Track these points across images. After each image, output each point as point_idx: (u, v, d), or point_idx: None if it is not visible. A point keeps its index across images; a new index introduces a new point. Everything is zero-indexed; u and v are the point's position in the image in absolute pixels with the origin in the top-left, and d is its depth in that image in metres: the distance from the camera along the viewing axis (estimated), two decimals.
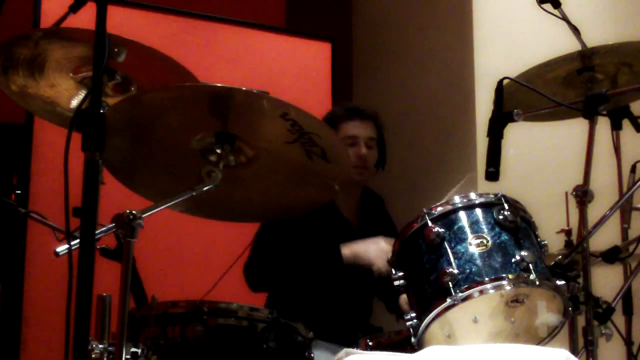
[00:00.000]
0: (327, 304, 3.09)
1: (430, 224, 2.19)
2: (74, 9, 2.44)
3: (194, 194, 2.15)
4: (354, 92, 5.21)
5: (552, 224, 2.79)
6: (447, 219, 2.20)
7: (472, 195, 2.24)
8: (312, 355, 2.26)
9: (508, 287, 2.09)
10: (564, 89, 2.70)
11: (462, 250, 2.14)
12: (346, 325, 3.04)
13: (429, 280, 2.15)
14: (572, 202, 2.40)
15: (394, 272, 2.26)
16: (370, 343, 2.36)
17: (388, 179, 3.38)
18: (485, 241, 2.15)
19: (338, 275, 3.06)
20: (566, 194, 2.74)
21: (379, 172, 3.30)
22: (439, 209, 2.22)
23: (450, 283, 2.08)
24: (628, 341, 2.93)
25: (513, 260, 2.12)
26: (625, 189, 3.04)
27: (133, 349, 1.93)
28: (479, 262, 2.12)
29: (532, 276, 2.09)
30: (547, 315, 2.20)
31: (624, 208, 3.00)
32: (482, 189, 2.70)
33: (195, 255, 3.92)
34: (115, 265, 1.98)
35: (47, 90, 2.37)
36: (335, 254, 2.99)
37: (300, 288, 3.09)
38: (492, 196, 2.24)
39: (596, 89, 2.55)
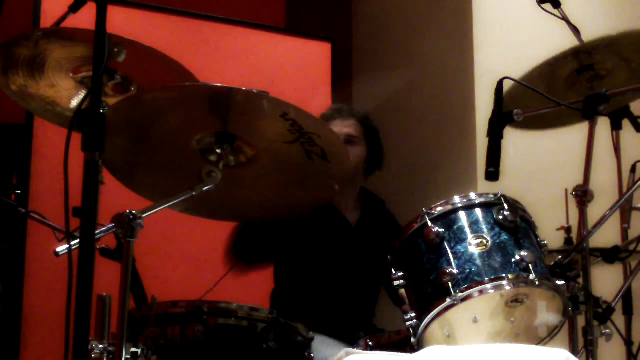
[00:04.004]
0: (330, 305, 3.09)
1: (430, 224, 2.19)
2: (74, 9, 2.44)
3: (194, 194, 2.15)
4: (354, 92, 5.21)
5: (552, 224, 2.79)
6: (447, 219, 2.20)
7: (472, 195, 2.24)
8: (312, 355, 2.26)
9: (508, 287, 2.09)
10: (565, 91, 2.70)
11: (462, 250, 2.14)
12: (348, 326, 3.04)
13: (428, 280, 2.15)
14: (572, 202, 2.40)
15: (393, 272, 2.26)
16: (370, 343, 2.36)
17: (387, 178, 3.38)
18: (485, 241, 2.15)
19: (341, 276, 3.07)
20: (566, 193, 2.74)
21: (377, 173, 3.29)
22: (439, 209, 2.22)
23: (450, 283, 2.08)
24: (628, 341, 2.93)
25: (513, 260, 2.12)
26: (625, 189, 3.04)
27: (133, 349, 1.93)
28: (478, 262, 2.12)
29: (532, 276, 2.09)
30: (547, 315, 2.20)
31: (624, 208, 3.00)
32: (482, 189, 2.70)
33: (195, 255, 3.92)
34: (115, 265, 1.98)
35: (47, 90, 2.37)
36: None
37: (305, 282, 3.10)
38: (492, 196, 2.24)
39: (596, 88, 2.56)
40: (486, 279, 2.09)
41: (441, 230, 2.18)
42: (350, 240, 3.17)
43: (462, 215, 2.21)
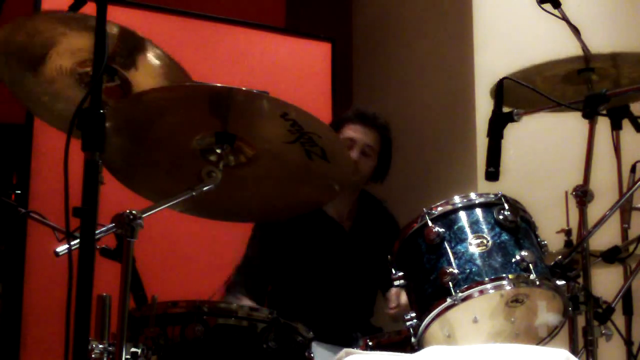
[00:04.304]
0: (328, 305, 3.09)
1: (430, 223, 2.19)
2: (74, 9, 2.43)
3: (194, 194, 2.15)
4: (354, 92, 5.21)
5: (552, 224, 2.79)
6: (447, 218, 2.20)
7: (472, 195, 2.24)
8: (312, 355, 2.26)
9: (508, 287, 2.09)
10: (564, 85, 2.70)
11: (462, 250, 2.14)
12: (346, 326, 3.05)
13: (429, 280, 2.15)
14: (572, 202, 2.40)
15: (393, 272, 2.26)
16: (370, 343, 2.36)
17: (387, 178, 3.37)
18: (485, 241, 2.15)
19: (335, 281, 3.07)
20: (566, 193, 2.74)
21: (377, 184, 3.28)
22: (439, 208, 2.22)
23: (450, 283, 2.08)
24: (628, 341, 2.93)
25: (513, 260, 2.12)
26: (625, 189, 3.04)
27: (133, 349, 1.93)
28: (479, 262, 2.12)
29: (532, 276, 2.09)
30: (547, 315, 2.20)
31: (624, 208, 3.00)
32: (482, 189, 2.70)
33: (195, 255, 3.92)
34: (115, 265, 1.98)
35: (47, 86, 2.36)
36: None
37: (301, 289, 3.10)
38: (492, 196, 2.24)
39: (596, 88, 2.56)
40: (486, 278, 2.09)
41: (441, 230, 2.18)
42: (344, 246, 3.18)
43: (462, 215, 2.21)
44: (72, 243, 1.78)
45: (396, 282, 2.25)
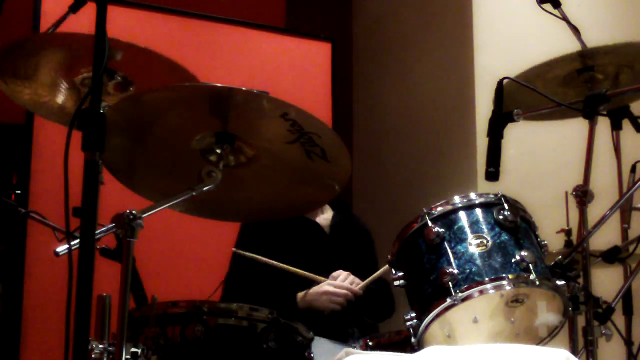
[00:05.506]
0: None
1: (430, 223, 2.19)
2: (74, 9, 2.44)
3: (194, 194, 2.15)
4: (354, 92, 5.21)
5: (552, 224, 2.79)
6: (447, 218, 2.20)
7: (472, 195, 2.24)
8: (312, 355, 2.26)
9: (508, 287, 2.09)
10: (564, 88, 2.70)
11: (462, 250, 2.14)
12: (341, 322, 3.05)
13: (429, 280, 2.15)
14: (572, 202, 2.40)
15: (393, 272, 2.26)
16: (370, 343, 2.36)
17: (387, 178, 3.38)
18: (485, 241, 2.15)
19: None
20: (566, 194, 2.75)
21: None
22: (439, 208, 2.22)
23: (450, 283, 2.08)
24: (628, 341, 2.93)
25: (513, 260, 2.12)
26: (625, 189, 3.04)
27: (133, 349, 1.93)
28: (479, 262, 2.12)
29: (532, 276, 2.09)
30: (547, 315, 2.20)
31: (624, 208, 3.00)
32: (482, 189, 2.70)
33: (195, 255, 3.92)
34: (115, 265, 1.98)
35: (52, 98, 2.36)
36: (290, 301, 3.03)
37: (292, 288, 3.11)
38: (492, 196, 2.23)
39: (596, 88, 2.56)
40: (486, 278, 2.09)
41: (441, 230, 2.18)
42: (326, 247, 3.21)
43: (462, 215, 2.21)
44: (72, 243, 1.78)
45: (396, 282, 2.25)
